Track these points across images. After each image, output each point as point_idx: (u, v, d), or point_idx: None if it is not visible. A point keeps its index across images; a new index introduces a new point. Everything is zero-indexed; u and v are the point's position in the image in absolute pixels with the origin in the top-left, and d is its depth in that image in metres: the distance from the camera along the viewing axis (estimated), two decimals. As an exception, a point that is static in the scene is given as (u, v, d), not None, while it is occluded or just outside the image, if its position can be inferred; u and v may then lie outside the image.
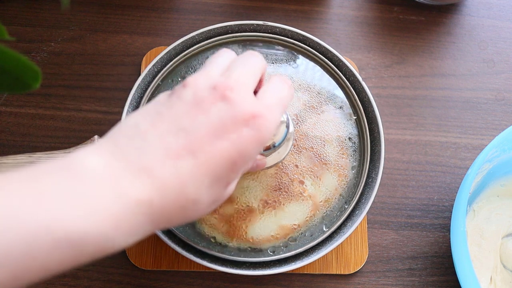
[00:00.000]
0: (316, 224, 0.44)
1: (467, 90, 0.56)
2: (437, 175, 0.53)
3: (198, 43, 0.49)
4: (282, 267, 0.44)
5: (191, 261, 0.44)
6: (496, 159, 0.47)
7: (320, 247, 0.44)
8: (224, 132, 0.29)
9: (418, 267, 0.50)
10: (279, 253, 0.43)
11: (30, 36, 0.55)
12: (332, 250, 0.46)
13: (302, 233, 0.43)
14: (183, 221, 0.30)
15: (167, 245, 0.43)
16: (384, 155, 0.47)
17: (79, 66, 0.54)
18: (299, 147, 0.44)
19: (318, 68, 0.48)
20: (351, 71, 0.48)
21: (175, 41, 0.48)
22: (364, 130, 0.47)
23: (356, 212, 0.45)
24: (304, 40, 0.49)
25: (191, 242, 0.43)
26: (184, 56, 0.48)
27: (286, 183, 0.43)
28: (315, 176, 0.44)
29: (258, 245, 0.43)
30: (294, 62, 0.48)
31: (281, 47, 0.49)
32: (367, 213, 0.48)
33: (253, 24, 0.49)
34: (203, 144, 0.28)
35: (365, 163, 0.46)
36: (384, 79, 0.56)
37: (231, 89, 0.29)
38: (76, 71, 0.54)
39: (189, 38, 0.48)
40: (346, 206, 0.45)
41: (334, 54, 0.49)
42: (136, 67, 0.54)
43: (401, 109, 0.55)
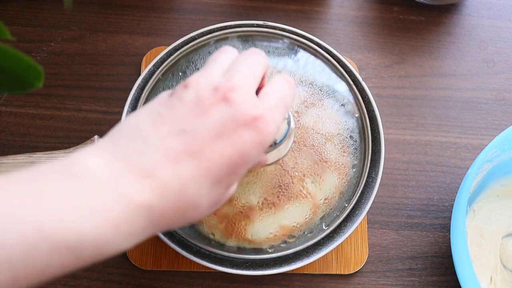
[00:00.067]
0: (316, 223, 0.43)
1: (467, 90, 0.56)
2: (437, 175, 0.53)
3: (198, 43, 0.48)
4: (282, 267, 0.43)
5: (191, 261, 0.44)
6: (496, 159, 0.47)
7: (320, 247, 0.44)
8: (225, 134, 0.28)
9: (418, 267, 0.50)
10: (279, 251, 0.43)
11: (30, 36, 0.55)
12: (332, 250, 0.46)
13: (302, 231, 0.43)
14: (183, 223, 0.29)
15: (167, 245, 0.43)
16: (384, 155, 0.47)
17: (79, 66, 0.54)
18: (299, 144, 0.43)
19: (319, 62, 0.48)
20: (351, 71, 0.48)
21: (175, 41, 0.48)
22: (366, 128, 0.46)
23: (356, 212, 0.45)
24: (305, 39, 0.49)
25: (191, 240, 0.43)
26: (185, 50, 0.47)
27: (286, 181, 0.43)
28: (315, 174, 0.43)
29: (257, 244, 0.43)
30: (295, 55, 0.47)
31: (282, 41, 0.48)
32: (367, 213, 0.48)
33: (253, 24, 0.49)
34: (204, 146, 0.28)
35: (366, 161, 0.45)
36: (384, 79, 0.56)
37: (232, 90, 0.29)
38: (76, 71, 0.54)
39: (189, 38, 0.48)
40: (346, 205, 0.44)
41: (334, 54, 0.49)
42: (136, 67, 0.54)
43: (401, 109, 0.55)
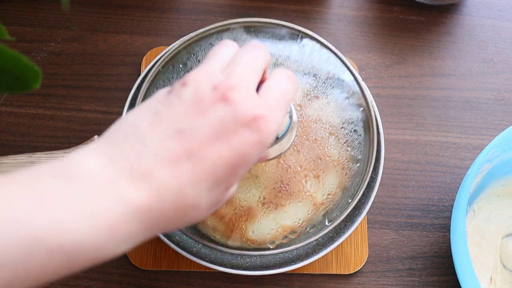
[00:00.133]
0: (318, 219, 0.42)
1: (467, 90, 0.56)
2: (437, 175, 0.53)
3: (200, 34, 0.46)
4: (282, 267, 0.44)
5: (191, 261, 0.44)
6: (496, 159, 0.47)
7: (320, 247, 0.44)
8: (224, 135, 0.28)
9: (418, 267, 0.49)
10: (280, 247, 0.41)
11: (30, 36, 0.55)
12: (332, 250, 0.46)
13: (304, 227, 0.42)
14: (181, 225, 0.29)
15: (167, 245, 0.43)
16: (384, 155, 0.47)
17: (79, 66, 0.54)
18: (302, 139, 0.42)
19: (324, 51, 0.46)
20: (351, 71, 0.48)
21: (175, 41, 0.48)
22: (370, 123, 0.44)
23: (356, 212, 0.45)
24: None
25: (193, 236, 0.42)
26: (186, 42, 0.46)
27: (288, 176, 0.41)
28: (318, 169, 0.42)
29: (259, 243, 0.42)
30: (299, 43, 0.45)
31: (286, 30, 0.47)
32: (367, 213, 0.48)
33: (257, 21, 0.47)
34: (202, 147, 0.27)
35: (371, 155, 0.44)
36: (384, 79, 0.56)
37: (232, 88, 0.28)
38: (76, 71, 0.54)
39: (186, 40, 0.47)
40: (350, 201, 0.43)
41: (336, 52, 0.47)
42: (136, 67, 0.54)
43: (401, 109, 0.55)
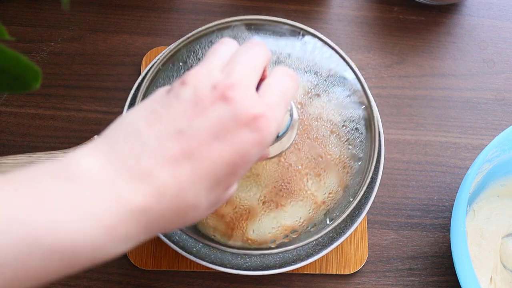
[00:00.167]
0: (320, 218, 0.42)
1: (467, 90, 0.56)
2: (437, 175, 0.53)
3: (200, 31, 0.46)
4: (282, 267, 0.44)
5: (191, 261, 0.44)
6: (496, 159, 0.47)
7: (320, 247, 0.44)
8: (224, 135, 0.28)
9: (418, 267, 0.49)
10: (281, 246, 0.41)
11: (30, 36, 0.55)
12: (332, 250, 0.46)
13: (306, 227, 0.41)
14: (181, 225, 0.29)
15: (167, 245, 0.43)
16: (384, 155, 0.47)
17: (79, 66, 0.54)
18: (303, 137, 0.41)
19: (326, 49, 0.45)
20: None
21: (175, 41, 0.48)
22: (372, 121, 0.44)
23: (356, 212, 0.45)
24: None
25: (193, 236, 0.41)
26: (186, 40, 0.45)
27: (289, 175, 0.41)
28: (319, 167, 0.41)
29: (259, 241, 0.41)
30: (302, 38, 0.45)
31: (288, 26, 0.47)
32: (367, 213, 0.48)
33: (259, 19, 0.47)
34: (201, 147, 0.27)
35: (372, 153, 0.43)
36: (384, 79, 0.56)
37: (232, 88, 0.28)
38: (76, 71, 0.54)
39: (186, 38, 0.47)
40: (352, 199, 0.42)
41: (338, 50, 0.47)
42: (136, 67, 0.54)
43: (401, 109, 0.55)
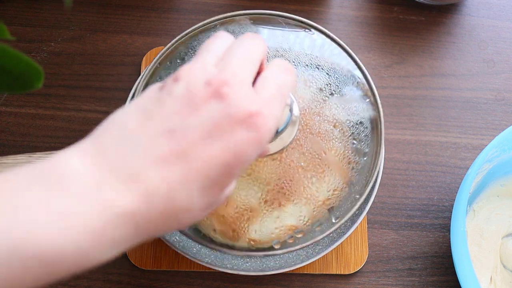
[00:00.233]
0: (325, 217, 0.40)
1: (467, 90, 0.56)
2: (437, 175, 0.53)
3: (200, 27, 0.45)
4: (282, 267, 0.43)
5: (191, 261, 0.44)
6: (496, 159, 0.47)
7: (320, 247, 0.44)
8: (218, 134, 0.26)
9: (418, 267, 0.49)
10: (285, 246, 0.40)
11: (30, 36, 0.55)
12: (332, 250, 0.46)
13: (310, 226, 0.40)
14: (174, 228, 0.28)
15: (167, 245, 0.43)
16: (384, 155, 0.47)
17: (79, 66, 0.54)
18: (305, 132, 0.40)
19: (335, 46, 0.45)
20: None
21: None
22: (377, 113, 0.42)
23: (357, 212, 0.45)
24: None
25: (193, 236, 0.40)
26: (184, 36, 0.45)
27: (291, 172, 0.39)
28: (323, 164, 0.40)
29: (262, 241, 0.40)
30: (303, 32, 0.44)
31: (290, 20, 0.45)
32: (367, 213, 0.48)
33: (261, 13, 0.46)
34: (194, 147, 0.26)
35: (379, 148, 0.42)
36: (384, 79, 0.56)
37: (226, 84, 0.27)
38: (76, 71, 0.54)
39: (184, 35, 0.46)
40: (358, 196, 0.40)
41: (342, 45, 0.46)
42: (136, 67, 0.54)
43: (401, 109, 0.55)
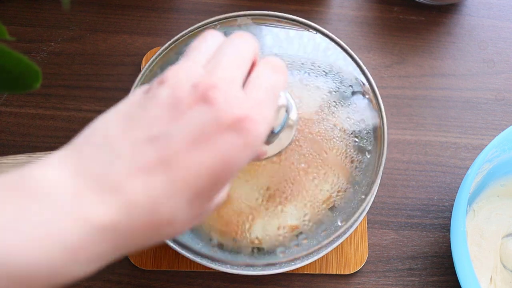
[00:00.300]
0: (329, 219, 0.40)
1: (467, 90, 0.56)
2: (437, 175, 0.53)
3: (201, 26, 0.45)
4: (282, 267, 0.43)
5: (191, 261, 0.44)
6: (496, 159, 0.47)
7: (320, 247, 0.44)
8: (205, 140, 0.24)
9: (418, 267, 0.49)
10: (289, 251, 0.39)
11: (30, 36, 0.55)
12: (332, 250, 0.46)
13: (314, 229, 0.39)
14: (156, 242, 0.26)
15: (167, 245, 0.43)
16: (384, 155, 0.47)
17: (79, 66, 0.54)
18: (304, 132, 0.39)
19: (335, 46, 0.44)
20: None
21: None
22: (378, 109, 0.42)
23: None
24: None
25: (192, 243, 0.41)
26: (185, 35, 0.45)
27: (292, 173, 0.38)
28: (324, 164, 0.39)
29: (263, 244, 0.40)
30: (301, 32, 0.43)
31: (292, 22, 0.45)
32: (367, 213, 0.48)
33: (262, 14, 0.46)
34: (178, 155, 0.24)
35: (382, 145, 0.41)
36: (384, 79, 0.56)
37: (214, 87, 0.25)
38: (76, 71, 0.54)
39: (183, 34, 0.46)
40: (364, 196, 0.39)
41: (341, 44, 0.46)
42: (136, 67, 0.54)
43: (401, 109, 0.55)
